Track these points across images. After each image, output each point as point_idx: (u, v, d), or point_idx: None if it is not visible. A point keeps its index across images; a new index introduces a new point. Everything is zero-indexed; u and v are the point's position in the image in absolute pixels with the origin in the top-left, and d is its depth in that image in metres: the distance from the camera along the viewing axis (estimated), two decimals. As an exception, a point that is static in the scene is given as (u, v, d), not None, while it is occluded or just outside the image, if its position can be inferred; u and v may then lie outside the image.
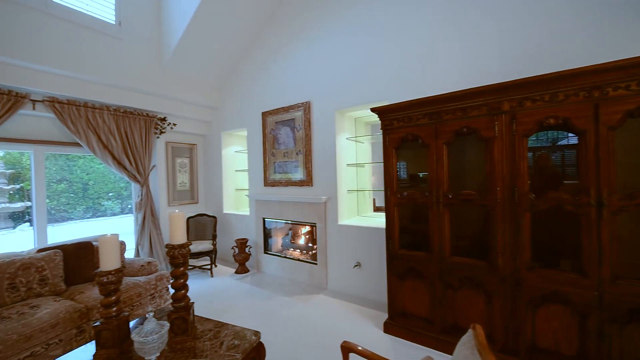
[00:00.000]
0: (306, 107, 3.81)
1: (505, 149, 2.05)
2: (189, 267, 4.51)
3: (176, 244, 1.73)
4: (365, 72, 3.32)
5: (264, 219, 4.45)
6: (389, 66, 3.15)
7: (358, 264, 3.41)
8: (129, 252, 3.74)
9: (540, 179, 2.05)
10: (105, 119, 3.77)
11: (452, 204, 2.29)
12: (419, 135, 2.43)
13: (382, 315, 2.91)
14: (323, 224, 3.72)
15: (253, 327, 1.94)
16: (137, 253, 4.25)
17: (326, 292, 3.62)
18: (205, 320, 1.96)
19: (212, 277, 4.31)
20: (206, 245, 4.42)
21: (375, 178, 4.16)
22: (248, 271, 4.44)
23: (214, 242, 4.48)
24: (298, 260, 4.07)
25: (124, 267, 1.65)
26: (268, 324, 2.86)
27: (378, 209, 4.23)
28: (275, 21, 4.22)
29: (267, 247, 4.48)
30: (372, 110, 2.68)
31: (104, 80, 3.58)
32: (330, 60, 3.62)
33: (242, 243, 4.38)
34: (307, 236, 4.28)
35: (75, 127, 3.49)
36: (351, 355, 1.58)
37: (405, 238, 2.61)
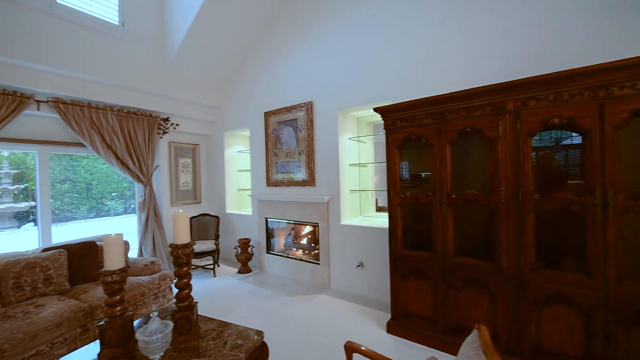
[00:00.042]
0: (308, 107, 3.81)
1: (509, 148, 2.04)
2: (192, 267, 4.52)
3: (180, 243, 1.74)
4: (367, 72, 3.32)
5: (266, 218, 4.45)
6: (391, 66, 3.14)
7: (361, 264, 3.40)
8: (132, 252, 3.76)
9: (544, 179, 2.04)
10: (109, 119, 3.79)
11: (455, 204, 2.28)
12: (422, 135, 2.42)
13: (384, 315, 2.91)
14: (325, 224, 3.72)
15: (256, 327, 1.95)
16: (141, 253, 4.27)
17: (329, 292, 3.62)
18: (208, 319, 1.96)
19: (214, 276, 4.32)
20: (209, 245, 4.43)
21: (378, 178, 4.15)
22: (250, 271, 4.44)
23: (217, 241, 4.49)
24: (300, 260, 4.08)
25: (128, 266, 1.66)
26: (271, 323, 2.86)
27: (380, 209, 4.22)
28: (277, 21, 4.22)
29: (269, 247, 4.49)
30: (375, 110, 2.67)
31: (108, 80, 3.60)
32: (332, 60, 3.62)
33: (244, 243, 4.39)
34: (310, 236, 4.29)
35: (79, 128, 3.51)
36: (355, 355, 1.58)
37: (408, 238, 2.61)
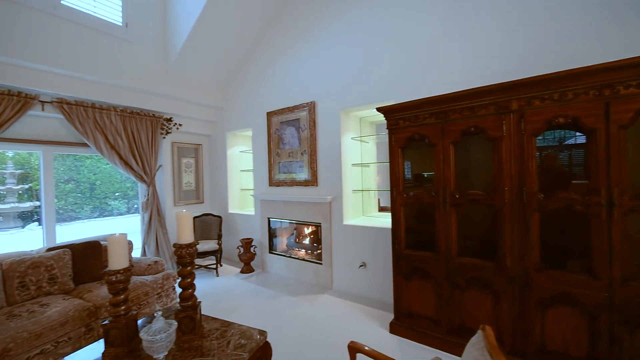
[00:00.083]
0: (311, 107, 3.81)
1: (513, 148, 2.03)
2: (195, 267, 4.53)
3: (184, 243, 1.74)
4: (369, 72, 3.31)
5: (268, 218, 4.46)
6: (393, 66, 3.14)
7: (363, 264, 3.40)
8: (135, 252, 3.77)
9: (548, 179, 2.03)
10: (113, 119, 3.81)
11: (459, 204, 2.28)
12: (425, 134, 2.41)
13: (387, 315, 2.90)
14: (328, 224, 3.72)
15: (259, 327, 1.95)
16: (144, 252, 4.29)
17: (331, 292, 3.62)
18: (211, 319, 1.97)
19: (217, 276, 4.33)
20: (212, 244, 4.44)
21: (380, 178, 4.15)
22: (253, 271, 4.45)
23: (220, 241, 4.50)
24: (303, 260, 4.08)
25: (132, 266, 1.67)
26: (273, 323, 2.87)
27: (383, 208, 4.22)
28: (279, 22, 4.23)
29: (272, 246, 4.49)
30: (378, 110, 2.67)
31: (111, 81, 3.62)
32: (334, 60, 3.62)
33: (247, 243, 4.40)
34: (312, 236, 4.28)
35: (83, 128, 3.53)
36: (358, 356, 1.58)
37: (411, 238, 2.60)
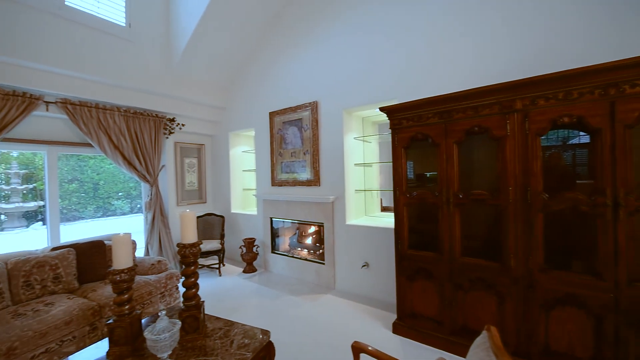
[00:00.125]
0: (313, 106, 3.81)
1: (517, 148, 2.01)
2: (198, 266, 4.55)
3: (187, 243, 1.74)
4: (372, 72, 3.31)
5: (271, 218, 4.46)
6: (396, 65, 3.13)
7: (366, 264, 3.39)
8: (138, 251, 3.79)
9: (552, 179, 2.01)
10: (116, 119, 3.83)
11: (462, 204, 2.27)
12: (428, 134, 2.40)
13: (390, 315, 2.89)
14: (330, 224, 3.72)
15: (261, 326, 1.95)
16: (147, 252, 4.31)
17: (334, 292, 3.61)
18: (215, 318, 1.97)
19: (220, 276, 4.34)
20: (214, 244, 4.45)
21: (383, 178, 4.14)
22: (255, 270, 4.46)
23: (222, 241, 4.51)
24: (305, 260, 4.08)
25: (136, 265, 1.68)
26: (276, 323, 2.87)
27: (385, 208, 4.21)
28: (281, 22, 4.23)
29: (274, 246, 4.50)
30: (381, 109, 2.66)
31: (115, 81, 3.64)
32: (337, 60, 3.61)
33: (249, 242, 4.41)
34: (315, 236, 4.28)
35: (87, 128, 3.55)
36: (362, 356, 1.58)
37: (414, 238, 2.59)
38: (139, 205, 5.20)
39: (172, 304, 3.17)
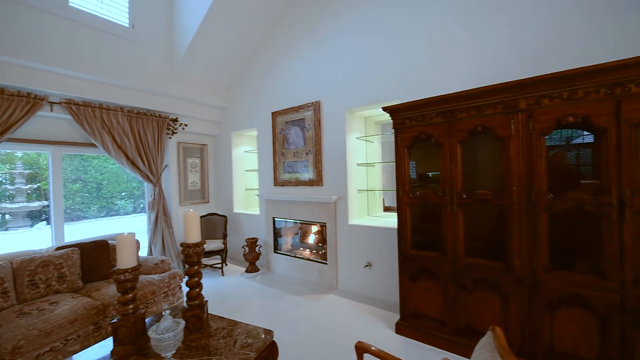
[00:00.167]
0: (316, 106, 3.81)
1: (521, 147, 2.00)
2: (201, 266, 4.56)
3: (191, 242, 1.75)
4: (374, 72, 3.30)
5: (273, 218, 4.47)
6: (398, 65, 3.12)
7: (369, 264, 3.39)
8: (142, 251, 3.81)
9: (556, 179, 2.00)
10: (120, 120, 3.85)
11: (466, 203, 2.26)
12: (432, 134, 2.40)
13: (393, 315, 2.89)
14: (333, 224, 3.71)
15: (264, 326, 1.95)
16: (150, 251, 4.32)
17: (337, 291, 3.61)
18: (218, 318, 1.98)
19: (222, 275, 4.35)
20: (217, 244, 4.47)
21: (385, 178, 4.13)
22: (258, 270, 4.47)
23: (225, 241, 4.52)
24: (308, 259, 4.08)
25: (140, 265, 1.68)
26: (279, 323, 2.87)
27: (387, 208, 4.20)
28: (284, 22, 4.23)
29: (277, 246, 4.50)
30: (384, 109, 2.66)
31: (118, 81, 3.65)
32: (339, 60, 3.61)
33: (252, 242, 4.41)
34: (317, 236, 4.28)
35: (90, 128, 3.57)
36: (365, 356, 1.57)
37: (417, 238, 2.59)
38: (142, 205, 5.22)
39: (175, 304, 3.18)
